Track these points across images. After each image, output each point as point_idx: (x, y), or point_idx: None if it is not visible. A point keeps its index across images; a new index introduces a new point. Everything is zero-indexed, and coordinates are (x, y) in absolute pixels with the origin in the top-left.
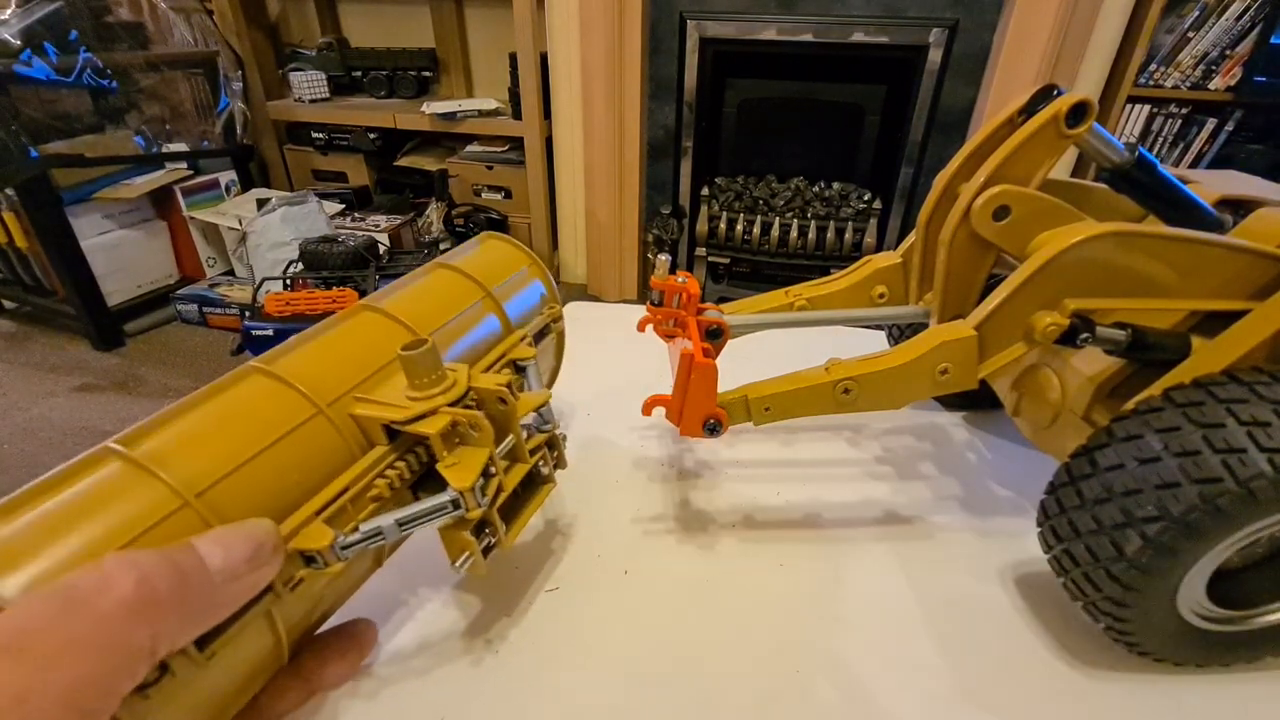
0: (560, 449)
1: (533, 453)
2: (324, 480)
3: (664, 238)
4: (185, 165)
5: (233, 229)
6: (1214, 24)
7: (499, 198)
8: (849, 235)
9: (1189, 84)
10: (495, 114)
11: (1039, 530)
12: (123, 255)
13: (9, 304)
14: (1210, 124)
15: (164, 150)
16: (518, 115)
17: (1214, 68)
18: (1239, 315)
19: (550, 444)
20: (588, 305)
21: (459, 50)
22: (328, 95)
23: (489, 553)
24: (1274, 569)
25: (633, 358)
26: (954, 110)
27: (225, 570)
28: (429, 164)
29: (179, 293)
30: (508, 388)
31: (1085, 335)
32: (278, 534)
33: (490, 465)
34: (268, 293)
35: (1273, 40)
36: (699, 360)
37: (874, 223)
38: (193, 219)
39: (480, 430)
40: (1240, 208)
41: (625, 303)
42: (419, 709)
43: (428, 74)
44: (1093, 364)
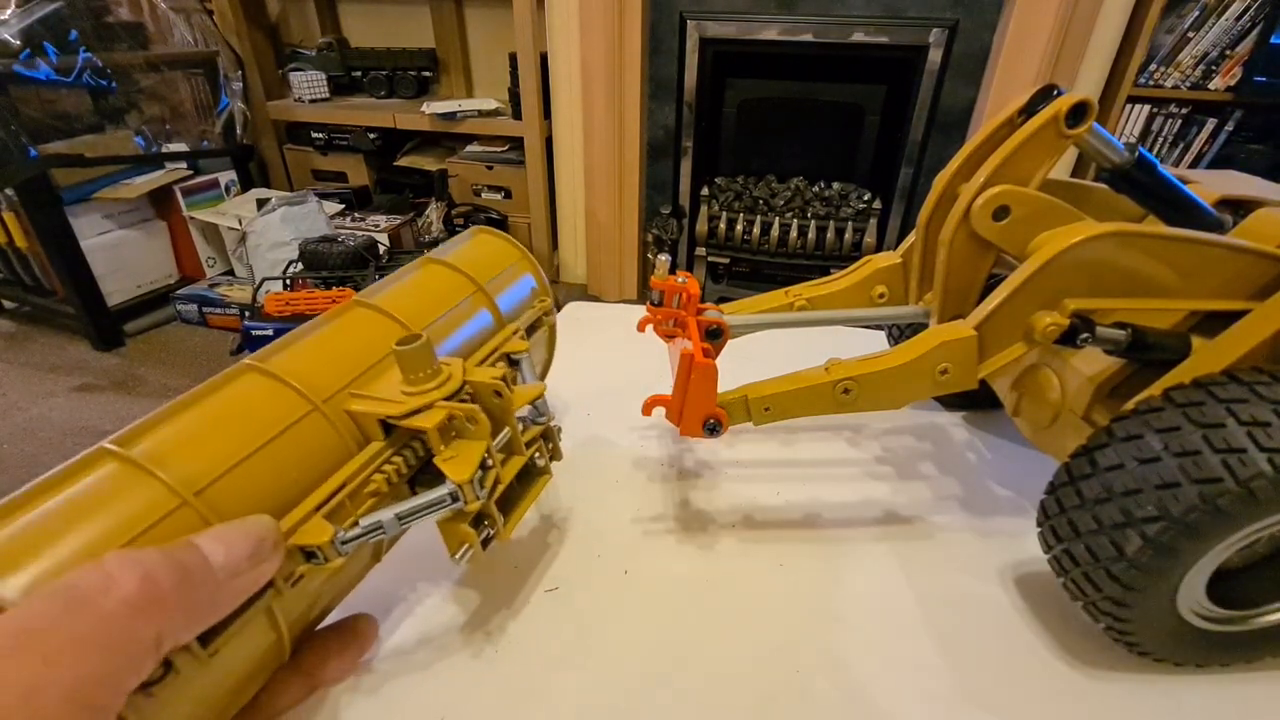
0: (556, 441)
1: (528, 445)
2: (322, 477)
3: (664, 238)
4: (185, 165)
5: (232, 229)
6: (1214, 24)
7: (499, 198)
8: (849, 235)
9: (1189, 84)
10: (495, 114)
11: (1039, 530)
12: (122, 255)
13: (9, 304)
14: (1210, 124)
15: (164, 150)
16: (518, 115)
17: (1214, 68)
18: (1239, 315)
19: (546, 436)
20: (588, 305)
21: (459, 50)
22: (328, 95)
23: (488, 544)
24: (1274, 569)
25: (633, 358)
26: (954, 110)
27: (227, 567)
28: (429, 164)
29: (179, 293)
30: (502, 381)
31: (1085, 335)
32: (278, 530)
33: (487, 458)
34: (268, 293)
35: (1273, 40)
36: (699, 360)
37: (874, 223)
38: (192, 219)
39: (477, 423)
40: (1240, 208)
41: (625, 303)
42: (420, 707)
43: (428, 74)
44: (1093, 364)
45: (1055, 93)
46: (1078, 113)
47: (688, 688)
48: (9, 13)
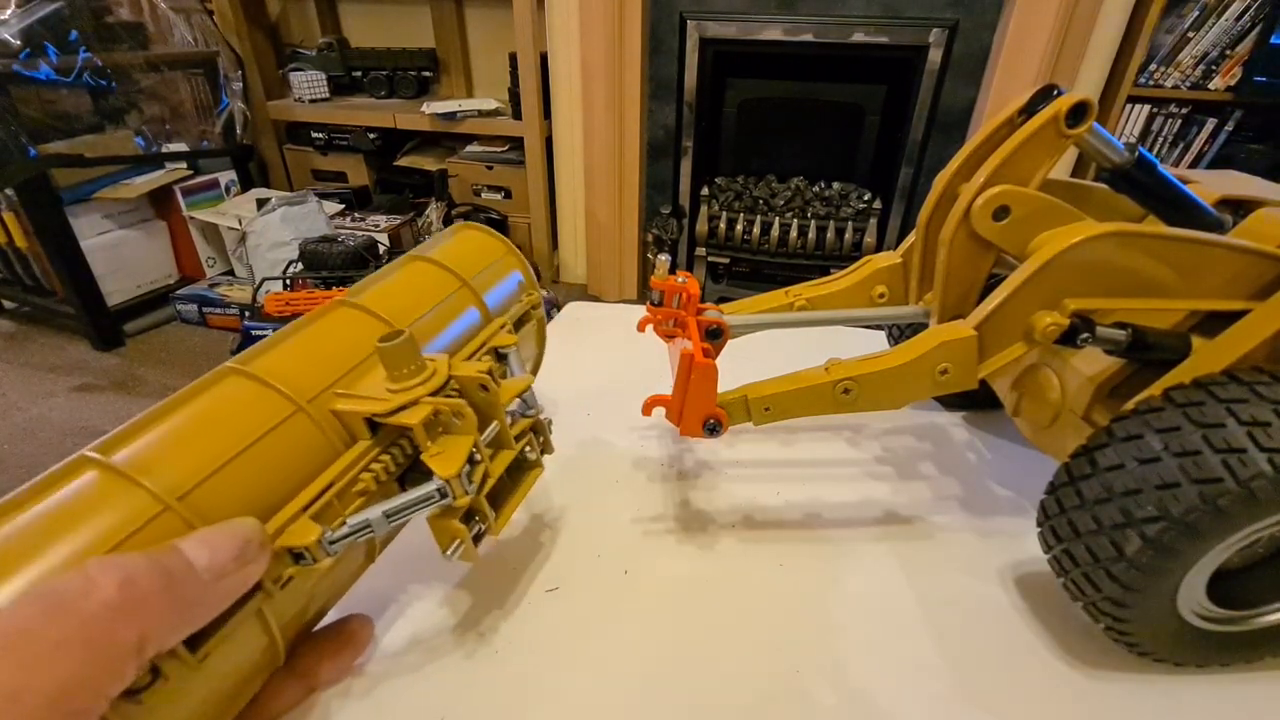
0: (546, 434)
1: (518, 439)
2: (308, 478)
3: (664, 238)
4: (185, 165)
5: (232, 229)
6: (1214, 24)
7: (499, 198)
8: (849, 235)
9: (1189, 84)
10: (495, 114)
11: (1039, 530)
12: (122, 255)
13: (9, 304)
14: (1210, 124)
15: (164, 150)
16: (518, 115)
17: (1214, 68)
18: (1239, 315)
19: (535, 429)
20: (588, 305)
21: (459, 50)
22: (328, 95)
23: (479, 540)
24: (1274, 569)
25: (633, 358)
26: (954, 110)
27: (212, 569)
28: (429, 164)
29: (179, 293)
30: (489, 374)
31: (1085, 335)
32: (264, 531)
33: (475, 452)
34: (267, 293)
35: (1273, 40)
36: (699, 360)
37: (874, 223)
38: (192, 219)
39: (463, 418)
40: (1240, 208)
41: (625, 303)
42: (419, 708)
43: (428, 74)
44: (1093, 364)
45: (1055, 93)
46: (1078, 112)
47: (688, 688)
48: (9, 13)
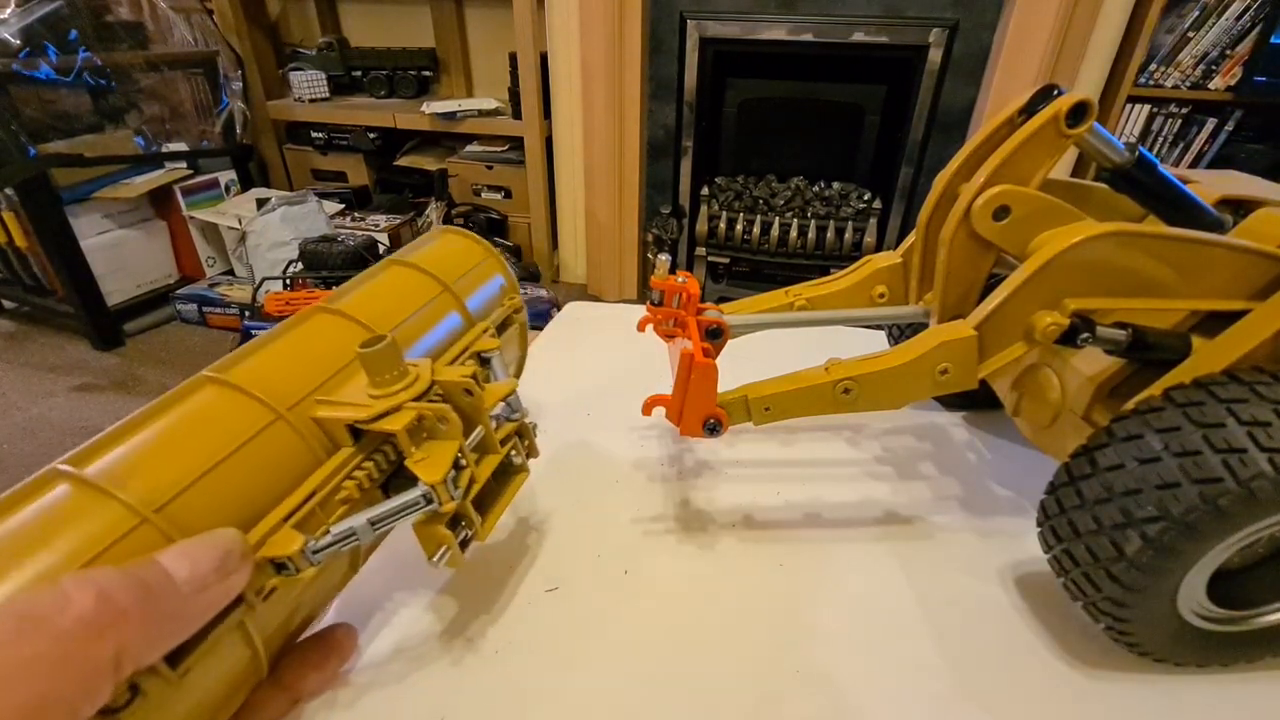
0: (530, 437)
1: (503, 443)
2: (290, 487)
3: (664, 237)
4: (185, 165)
5: (232, 229)
6: (1214, 24)
7: (499, 197)
8: (849, 235)
9: (1189, 84)
10: (495, 114)
11: (1039, 530)
12: (122, 255)
13: (9, 304)
14: (1210, 124)
15: (163, 150)
16: (518, 115)
17: (1214, 67)
18: (1239, 315)
19: (520, 433)
20: (588, 305)
21: (459, 50)
22: (327, 95)
23: (466, 546)
24: (1274, 569)
25: (633, 358)
26: (954, 110)
27: (192, 581)
28: (429, 164)
29: (179, 292)
30: (473, 379)
31: (1085, 335)
32: (245, 542)
33: (460, 458)
34: (267, 292)
35: (1273, 40)
36: (699, 360)
37: (874, 222)
38: (192, 219)
39: (448, 423)
40: (1240, 208)
41: (625, 303)
42: (420, 707)
43: (428, 74)
44: (1093, 364)
45: (1055, 92)
46: (1078, 112)
47: (688, 687)
48: (9, 12)
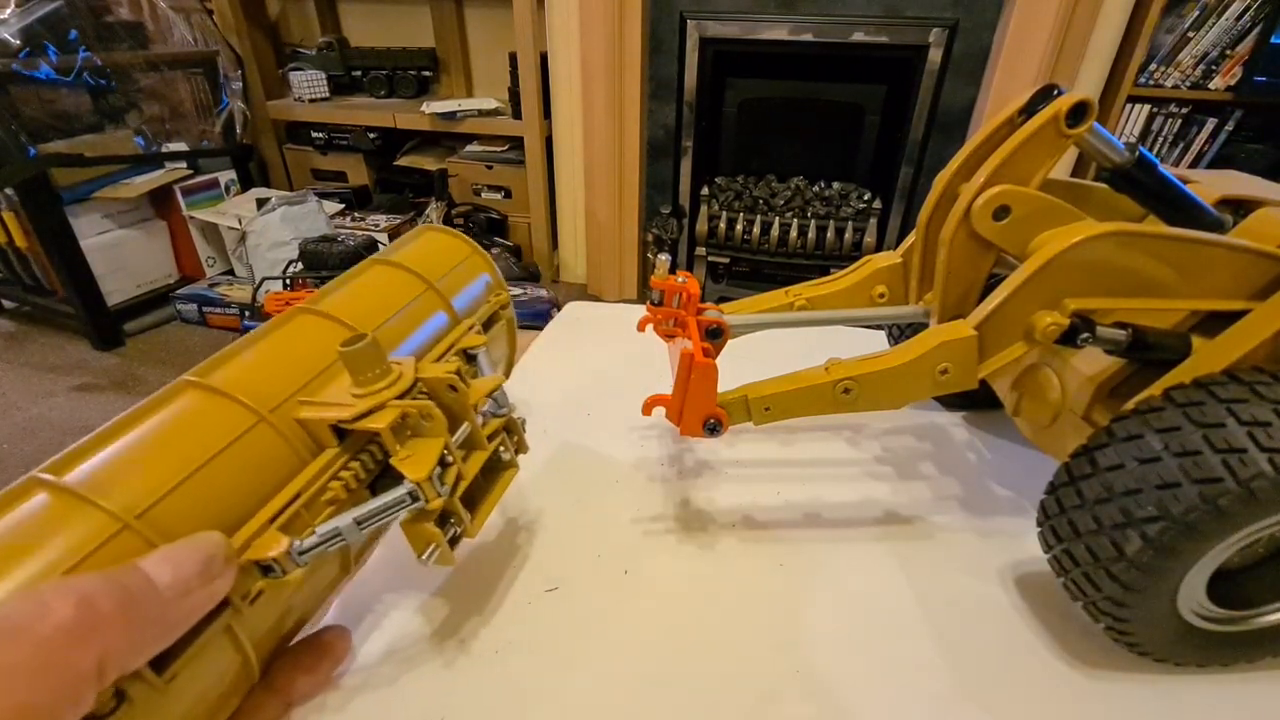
0: (519, 433)
1: (491, 439)
2: (274, 489)
3: (664, 237)
4: (185, 165)
5: (232, 228)
6: (1214, 24)
7: (499, 197)
8: (849, 235)
9: (1189, 84)
10: (495, 114)
11: (1039, 530)
12: (122, 255)
13: (9, 304)
14: (1210, 124)
15: (164, 150)
16: (518, 115)
17: (1214, 67)
18: (1239, 315)
19: (509, 429)
20: (588, 305)
21: (459, 50)
22: (327, 95)
23: (455, 543)
24: (1274, 569)
25: (633, 358)
26: (954, 110)
27: (175, 586)
28: (429, 164)
29: (179, 292)
30: (457, 375)
31: (1085, 335)
32: (228, 545)
33: (447, 454)
34: (267, 292)
35: (1273, 40)
36: (699, 360)
37: (874, 222)
38: (192, 218)
39: (432, 420)
40: (1241, 207)
41: (625, 303)
42: (420, 707)
43: (428, 73)
44: (1093, 364)
45: (1055, 92)
46: (1078, 112)
47: (688, 687)
48: (9, 12)
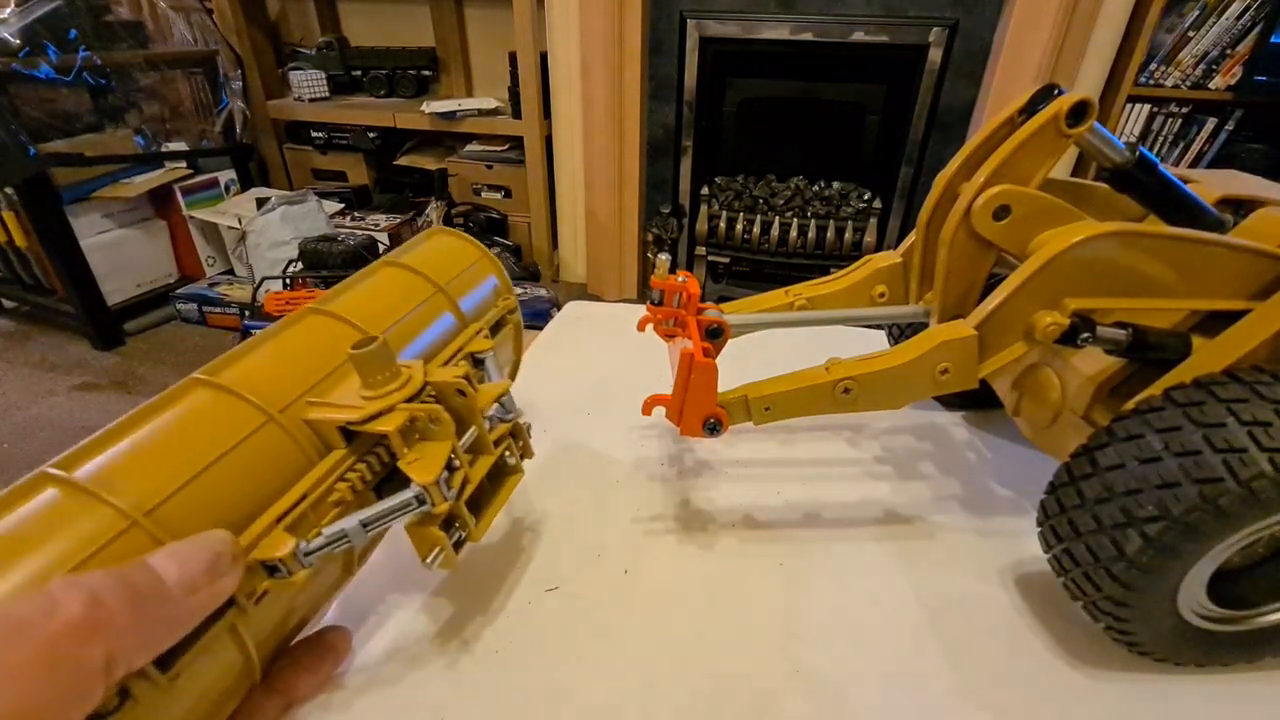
0: (525, 438)
1: (497, 444)
2: (281, 489)
3: (664, 237)
4: (185, 164)
5: (232, 228)
6: (1214, 23)
7: (499, 197)
8: (849, 235)
9: (1189, 83)
10: (495, 113)
11: (1039, 530)
12: (122, 254)
13: (9, 303)
14: (1210, 123)
15: (163, 149)
16: (517, 114)
17: (1214, 67)
18: (1240, 315)
19: (515, 434)
20: (588, 305)
21: (459, 49)
22: (327, 94)
23: (460, 547)
24: (1274, 569)
25: (633, 358)
26: (954, 110)
27: (182, 584)
28: (429, 163)
29: (179, 292)
30: (466, 380)
31: (1086, 335)
32: (236, 544)
33: (454, 458)
34: (267, 292)
35: (1273, 39)
36: (699, 360)
37: (874, 222)
38: (192, 218)
39: (440, 423)
40: (1241, 207)
41: (625, 302)
42: (420, 707)
43: (427, 73)
44: (1093, 364)
45: (1055, 92)
46: (1078, 112)
47: (688, 687)
48: (9, 12)
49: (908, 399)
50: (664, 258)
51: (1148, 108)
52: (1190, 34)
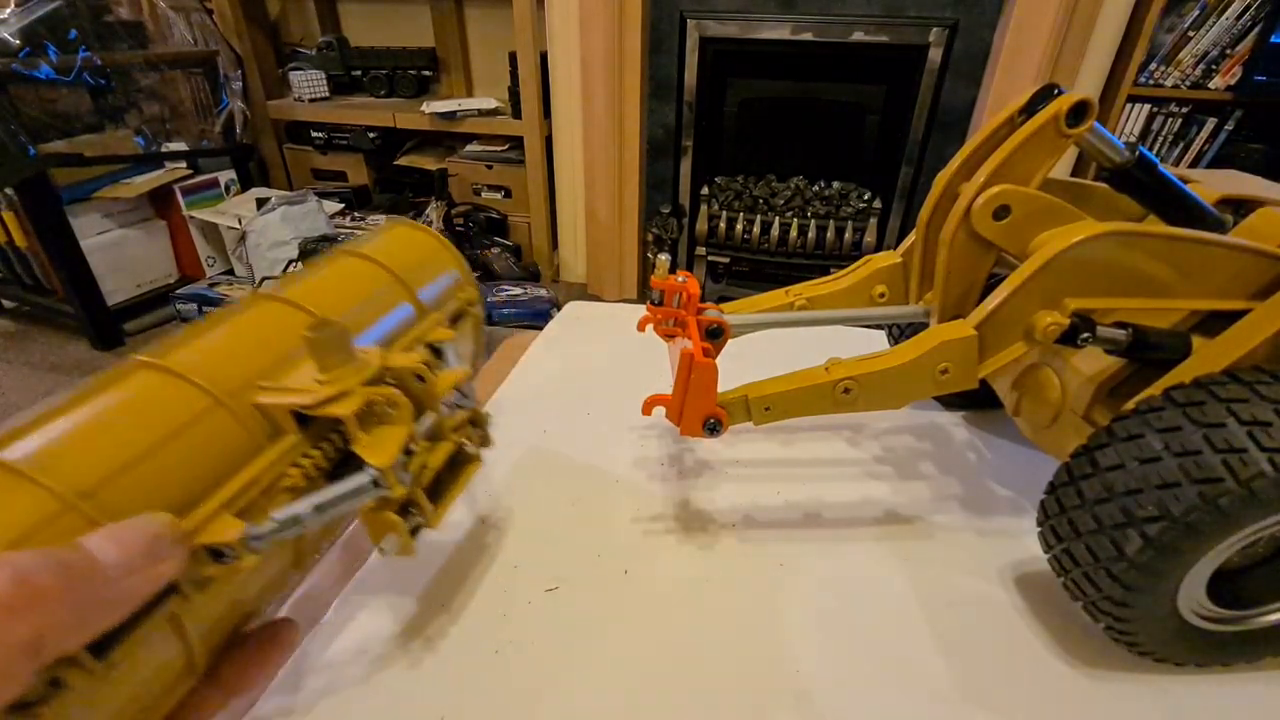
0: (485, 427)
1: (456, 431)
2: (230, 475)
3: (664, 237)
4: (185, 164)
5: (232, 228)
6: (1214, 23)
7: (499, 197)
8: (849, 235)
9: (1189, 83)
10: (495, 113)
11: (1039, 530)
12: (122, 254)
13: (9, 303)
14: (1210, 123)
15: (163, 149)
16: (517, 114)
17: (1214, 67)
18: (1240, 315)
19: (475, 422)
20: (588, 305)
21: (459, 49)
22: (327, 94)
23: (417, 533)
24: (1274, 569)
25: (633, 358)
26: (954, 110)
27: (119, 565)
28: (429, 163)
29: (179, 292)
30: (424, 365)
31: (1086, 335)
32: (177, 526)
33: (411, 443)
34: None
35: (1273, 39)
36: (699, 360)
37: (874, 222)
38: (192, 218)
39: (398, 407)
40: (1241, 207)
41: (625, 302)
42: (420, 707)
43: (427, 73)
44: (1093, 363)
45: (1055, 92)
46: (1078, 112)
47: (688, 687)
48: (9, 12)
49: (908, 399)
50: (664, 258)
51: (1148, 108)
52: (1190, 34)
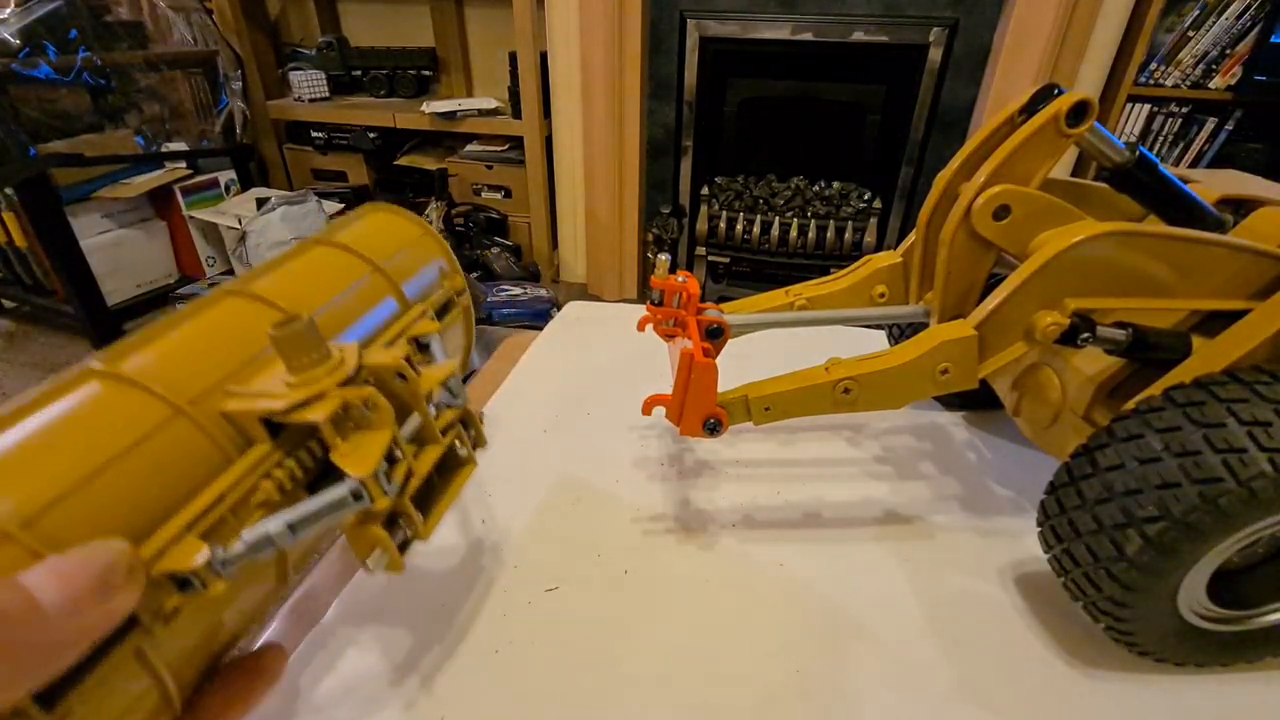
0: (477, 426)
1: (445, 432)
2: (194, 492)
3: (664, 237)
4: (185, 164)
5: (232, 228)
6: (1214, 23)
7: (499, 197)
8: (849, 235)
9: (1189, 83)
10: (495, 113)
11: (1039, 530)
12: (122, 254)
13: (8, 304)
14: (1210, 123)
15: (163, 149)
16: (517, 114)
17: (1214, 67)
18: (1240, 315)
19: (465, 422)
20: (588, 305)
21: (459, 49)
22: (327, 95)
23: (405, 548)
24: (1274, 569)
25: (633, 358)
26: (954, 110)
27: (63, 603)
28: (429, 163)
29: (179, 292)
30: (406, 361)
31: (1086, 335)
32: (132, 553)
33: (395, 449)
34: None
35: (1273, 39)
36: (699, 359)
37: (874, 222)
38: (192, 218)
39: (378, 409)
40: (1241, 207)
41: (625, 302)
42: (420, 708)
43: (427, 73)
44: (1093, 364)
45: (1055, 92)
46: (1078, 112)
47: (688, 688)
48: (9, 12)
49: (908, 399)
50: (664, 258)
51: (1148, 107)
52: (1190, 34)
